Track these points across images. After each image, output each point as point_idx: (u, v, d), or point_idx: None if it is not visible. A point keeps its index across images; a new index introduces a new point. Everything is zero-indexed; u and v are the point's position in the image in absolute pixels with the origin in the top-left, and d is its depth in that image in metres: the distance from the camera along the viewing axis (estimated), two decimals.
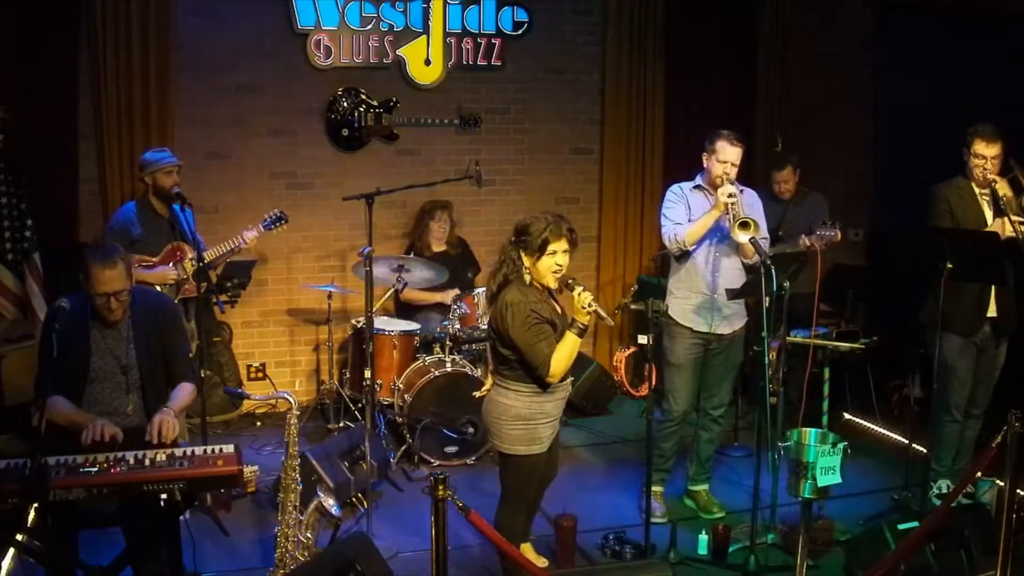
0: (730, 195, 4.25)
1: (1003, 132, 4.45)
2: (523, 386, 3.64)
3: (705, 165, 4.48)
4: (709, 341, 4.55)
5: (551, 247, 3.58)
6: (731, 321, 4.56)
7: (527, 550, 4.08)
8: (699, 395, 4.75)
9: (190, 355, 3.80)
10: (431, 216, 6.12)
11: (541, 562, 4.09)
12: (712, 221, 4.35)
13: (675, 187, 4.59)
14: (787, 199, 5.76)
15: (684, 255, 4.49)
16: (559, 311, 3.72)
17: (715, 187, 4.42)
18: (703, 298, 4.49)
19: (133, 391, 3.56)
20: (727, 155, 4.36)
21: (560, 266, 3.62)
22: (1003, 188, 4.44)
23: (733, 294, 4.47)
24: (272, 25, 6.15)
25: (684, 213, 4.47)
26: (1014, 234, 4.29)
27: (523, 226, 3.65)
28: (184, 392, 3.63)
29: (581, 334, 3.60)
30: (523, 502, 3.85)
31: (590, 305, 3.53)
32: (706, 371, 4.64)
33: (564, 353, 3.58)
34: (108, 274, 3.41)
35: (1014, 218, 4.33)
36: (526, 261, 3.64)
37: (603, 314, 3.58)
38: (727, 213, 4.28)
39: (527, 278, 3.65)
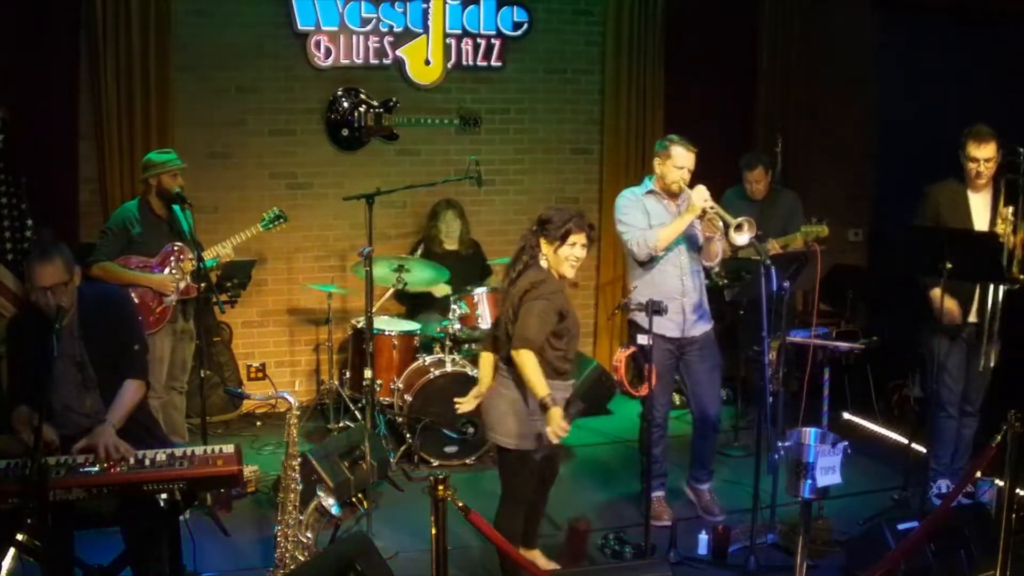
0: (706, 199, 4.22)
1: (997, 133, 4.42)
2: None
3: (657, 171, 4.44)
4: (683, 346, 4.52)
5: (572, 238, 3.66)
6: (702, 322, 4.56)
7: (536, 557, 4.07)
8: (689, 402, 4.75)
9: (136, 347, 3.66)
10: (439, 216, 6.14)
11: (550, 566, 4.05)
12: (685, 225, 4.33)
13: (627, 193, 4.54)
14: (760, 199, 5.77)
15: (651, 260, 4.43)
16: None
17: (669, 192, 4.42)
18: (676, 303, 4.42)
19: (91, 388, 3.54)
20: (683, 160, 4.34)
21: (578, 259, 3.71)
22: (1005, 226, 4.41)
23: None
24: (272, 25, 6.15)
25: (644, 218, 4.43)
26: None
27: (546, 216, 3.73)
28: (126, 395, 3.53)
29: (545, 404, 3.51)
30: (523, 503, 3.84)
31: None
32: (689, 375, 4.62)
33: (528, 367, 3.54)
34: (45, 269, 3.37)
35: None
36: (544, 248, 3.71)
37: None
38: (702, 216, 4.27)
39: (544, 264, 3.72)
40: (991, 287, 4.43)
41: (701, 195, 4.23)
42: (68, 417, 3.50)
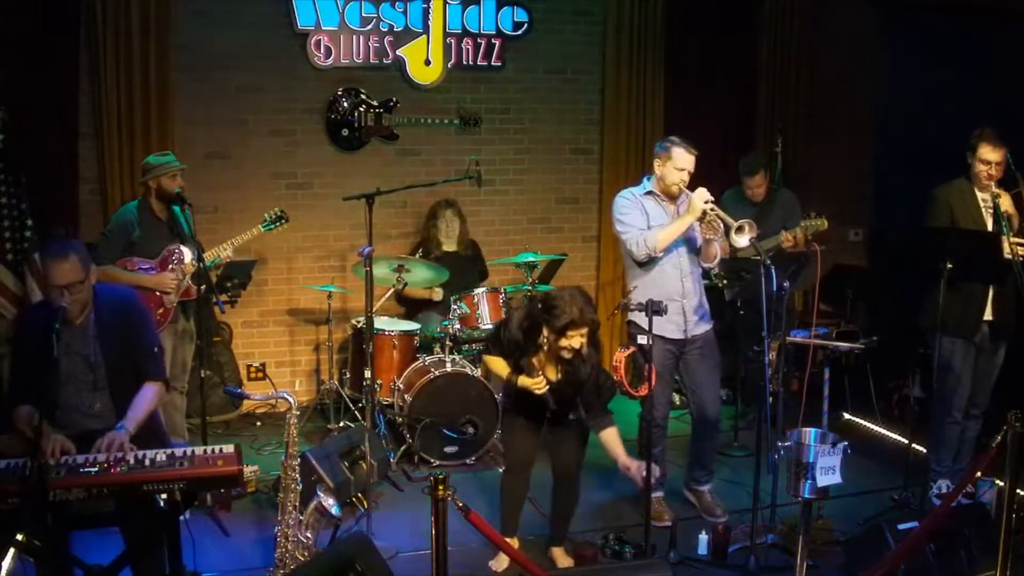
0: (707, 201, 4.22)
1: (1005, 137, 4.43)
2: None
3: (657, 172, 4.43)
4: (683, 345, 4.53)
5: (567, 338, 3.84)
6: (703, 323, 4.56)
7: (559, 557, 4.20)
8: (688, 401, 4.75)
9: (155, 350, 3.69)
10: (437, 216, 6.14)
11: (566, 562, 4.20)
12: (685, 226, 4.32)
13: (626, 193, 4.52)
14: (759, 200, 5.77)
15: (650, 261, 4.43)
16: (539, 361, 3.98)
17: (668, 194, 4.41)
18: (676, 304, 4.42)
19: (101, 389, 3.53)
20: (684, 163, 4.34)
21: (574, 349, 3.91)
22: (1006, 203, 4.40)
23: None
24: (272, 25, 6.15)
25: (643, 219, 4.42)
26: (1010, 255, 4.26)
27: (551, 304, 3.81)
28: (147, 398, 3.54)
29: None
30: (512, 463, 4.16)
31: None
32: (689, 375, 4.62)
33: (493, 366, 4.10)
34: (60, 267, 3.37)
35: (1014, 239, 4.31)
36: (546, 333, 3.87)
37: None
38: (702, 219, 4.26)
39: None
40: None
41: (702, 197, 4.23)
42: (71, 417, 3.50)
